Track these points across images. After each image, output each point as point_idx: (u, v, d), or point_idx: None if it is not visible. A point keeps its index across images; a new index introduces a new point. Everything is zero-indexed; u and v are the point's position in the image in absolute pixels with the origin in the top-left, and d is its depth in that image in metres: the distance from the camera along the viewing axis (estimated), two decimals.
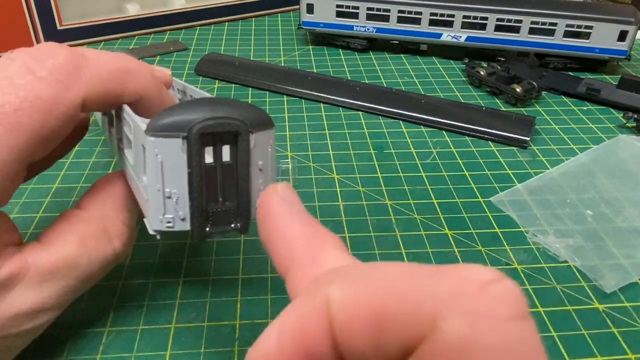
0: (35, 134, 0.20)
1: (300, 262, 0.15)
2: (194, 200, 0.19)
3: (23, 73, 0.20)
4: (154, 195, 0.19)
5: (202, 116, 0.18)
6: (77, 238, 0.22)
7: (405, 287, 0.11)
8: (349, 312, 0.11)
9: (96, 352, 0.25)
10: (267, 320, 0.27)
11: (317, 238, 0.16)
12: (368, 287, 0.12)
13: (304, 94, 0.49)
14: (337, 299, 0.12)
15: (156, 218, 0.19)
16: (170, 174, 0.19)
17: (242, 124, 0.19)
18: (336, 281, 0.12)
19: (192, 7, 0.63)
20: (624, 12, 0.51)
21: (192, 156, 0.18)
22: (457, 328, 0.10)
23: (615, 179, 0.38)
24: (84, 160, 0.39)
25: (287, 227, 0.16)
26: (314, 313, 0.12)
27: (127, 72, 0.23)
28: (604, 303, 0.28)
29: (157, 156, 0.18)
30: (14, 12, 0.54)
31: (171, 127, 0.18)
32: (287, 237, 0.16)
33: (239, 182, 0.19)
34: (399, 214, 0.34)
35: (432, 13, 0.55)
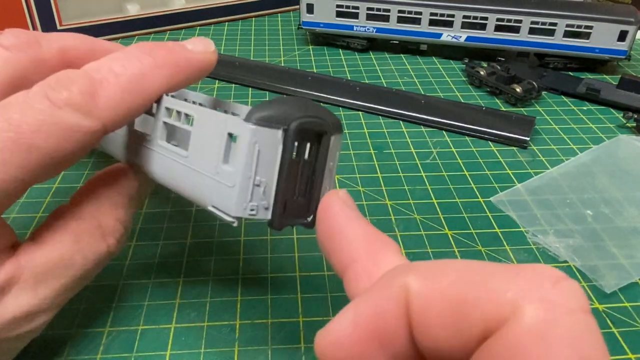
0: (49, 157, 0.19)
1: (361, 260, 0.16)
2: (279, 191, 0.20)
3: (42, 99, 0.20)
4: (244, 182, 0.20)
5: (301, 113, 0.20)
6: (71, 236, 0.22)
7: (485, 277, 0.12)
8: (428, 297, 0.12)
9: (96, 352, 0.25)
10: (267, 321, 0.27)
11: (378, 241, 0.17)
12: (447, 276, 0.13)
13: (304, 94, 0.49)
14: (416, 286, 0.13)
15: (241, 205, 0.20)
16: (263, 163, 0.20)
17: (328, 125, 0.20)
18: (413, 271, 0.13)
19: (192, 7, 0.63)
20: (624, 12, 0.51)
21: (286, 149, 0.20)
22: (537, 313, 0.11)
23: (615, 179, 0.38)
24: (84, 160, 0.39)
25: (350, 228, 0.17)
26: (391, 300, 0.13)
27: (142, 76, 0.21)
28: (604, 303, 0.28)
29: (255, 145, 0.19)
30: (14, 12, 0.54)
31: (273, 119, 0.19)
32: (349, 237, 0.17)
33: (315, 180, 0.21)
34: (399, 214, 0.34)
35: (432, 13, 0.55)
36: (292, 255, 0.31)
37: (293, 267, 0.30)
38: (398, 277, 0.13)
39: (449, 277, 0.12)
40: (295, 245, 0.31)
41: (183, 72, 0.23)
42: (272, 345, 0.26)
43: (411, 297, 0.12)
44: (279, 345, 0.26)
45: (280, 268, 0.30)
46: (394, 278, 0.13)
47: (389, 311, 0.13)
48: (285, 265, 0.30)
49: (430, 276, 0.13)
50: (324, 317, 0.27)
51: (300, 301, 0.28)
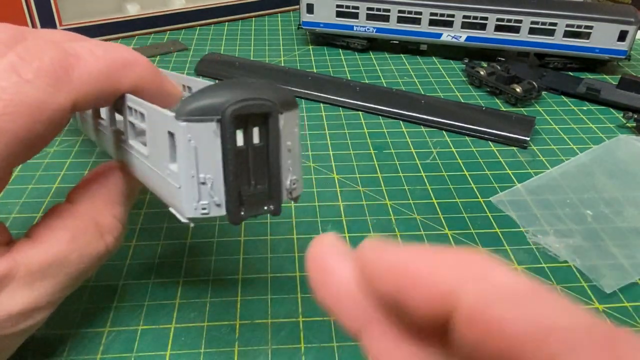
0: (20, 139, 0.19)
1: (375, 320, 0.14)
2: (229, 185, 0.19)
3: (8, 74, 0.19)
4: (188, 182, 0.19)
5: (234, 98, 0.18)
6: (68, 234, 0.22)
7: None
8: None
9: (96, 352, 0.25)
10: (267, 321, 0.27)
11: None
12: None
13: (304, 94, 0.49)
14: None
15: (191, 205, 0.19)
16: (204, 159, 0.18)
17: (273, 104, 0.19)
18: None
19: (192, 7, 0.63)
20: (624, 12, 0.51)
21: (226, 139, 0.18)
22: (472, 289, 0.11)
23: (615, 179, 0.38)
24: (84, 160, 0.39)
25: (352, 285, 0.14)
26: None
27: (122, 65, 0.21)
28: (604, 303, 0.28)
29: (190, 141, 0.18)
30: (14, 12, 0.54)
31: (203, 110, 0.18)
32: (352, 296, 0.14)
33: (270, 164, 0.19)
34: (399, 214, 0.34)
35: (432, 13, 0.55)
36: (292, 255, 0.31)
37: (293, 267, 0.30)
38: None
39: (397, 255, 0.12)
40: (295, 245, 0.31)
41: (153, 77, 0.23)
42: (272, 345, 0.26)
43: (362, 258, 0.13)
44: (279, 345, 0.26)
45: (280, 268, 0.30)
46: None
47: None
48: (285, 265, 0.30)
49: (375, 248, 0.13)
50: (324, 317, 0.27)
51: (300, 301, 0.28)
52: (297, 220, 0.33)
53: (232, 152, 0.18)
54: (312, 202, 0.35)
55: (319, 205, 0.35)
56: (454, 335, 0.11)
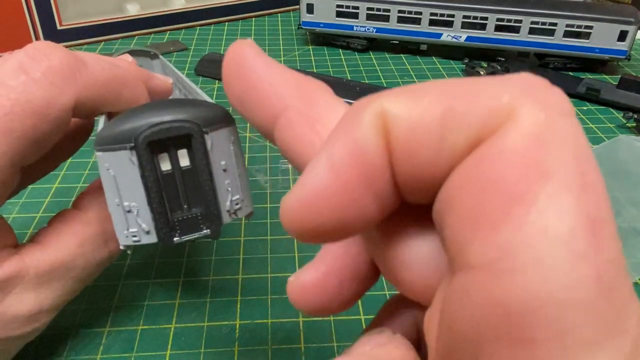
0: (27, 138, 0.19)
1: (294, 106, 0.14)
2: (155, 212, 0.18)
3: (16, 73, 0.19)
4: (114, 210, 0.18)
5: (147, 123, 0.17)
6: (76, 240, 0.22)
7: (473, 86, 0.11)
8: (411, 118, 0.11)
9: (96, 352, 0.25)
10: (267, 321, 0.27)
11: (307, 81, 0.14)
12: (428, 93, 0.11)
13: None
14: (396, 109, 0.11)
15: (122, 233, 0.19)
16: (125, 187, 0.18)
17: (193, 125, 0.18)
18: (389, 95, 0.11)
19: (192, 7, 0.63)
20: (624, 12, 0.51)
21: (144, 166, 0.18)
22: (535, 114, 0.10)
23: (615, 179, 0.38)
24: (84, 160, 0.39)
25: (274, 75, 0.15)
26: (369, 130, 0.11)
27: (123, 82, 0.22)
28: None
29: (108, 170, 0.18)
30: (14, 12, 0.54)
31: (117, 138, 0.17)
32: (275, 84, 0.14)
33: (201, 187, 0.18)
34: None
35: (432, 13, 0.55)
36: (292, 255, 0.31)
37: (293, 267, 0.30)
38: (370, 104, 0.11)
39: (430, 94, 0.11)
40: (295, 245, 0.31)
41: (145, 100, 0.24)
42: (272, 345, 0.26)
43: (391, 122, 0.11)
44: (279, 345, 0.26)
45: (280, 268, 0.30)
46: (365, 107, 0.11)
47: (369, 143, 0.11)
48: (285, 265, 0.30)
49: (409, 96, 0.11)
50: (324, 317, 0.27)
51: None
52: None
53: (153, 178, 0.18)
54: None
55: None
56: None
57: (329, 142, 0.11)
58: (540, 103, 0.10)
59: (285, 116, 0.14)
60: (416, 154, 0.11)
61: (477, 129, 0.10)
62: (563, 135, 0.10)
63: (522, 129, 0.10)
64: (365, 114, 0.11)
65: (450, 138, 0.10)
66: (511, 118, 0.10)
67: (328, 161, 0.11)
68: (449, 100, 0.10)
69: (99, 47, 0.59)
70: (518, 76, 0.11)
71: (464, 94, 0.10)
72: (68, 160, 0.39)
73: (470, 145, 0.10)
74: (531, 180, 0.09)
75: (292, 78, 0.14)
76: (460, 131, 0.10)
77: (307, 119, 0.14)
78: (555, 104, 0.10)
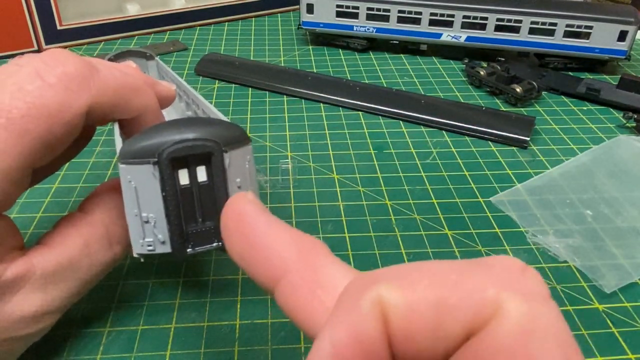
0: (41, 140, 0.20)
1: (295, 268, 0.15)
2: (172, 223, 0.19)
3: (32, 78, 0.20)
4: (132, 220, 0.19)
5: (171, 140, 0.18)
6: (82, 241, 0.22)
7: (459, 276, 0.12)
8: (407, 307, 0.12)
9: (96, 352, 0.25)
10: (267, 321, 0.27)
11: (306, 243, 0.15)
12: (420, 281, 0.12)
13: (304, 94, 0.49)
14: (392, 298, 0.12)
15: (137, 242, 0.19)
16: (145, 199, 0.19)
17: (214, 144, 0.19)
18: (383, 282, 0.12)
19: (192, 7, 0.63)
20: (624, 12, 0.51)
21: (165, 180, 0.18)
22: (519, 308, 0.11)
23: (615, 179, 0.38)
24: (84, 160, 0.39)
25: (274, 234, 0.16)
26: (368, 317, 0.12)
27: (133, 89, 0.23)
28: (604, 303, 0.28)
29: (130, 182, 0.18)
30: (14, 12, 0.54)
31: (141, 153, 0.18)
32: (275, 245, 0.15)
33: (217, 202, 0.19)
34: (399, 214, 0.34)
35: (432, 13, 0.55)
36: None
37: None
38: (367, 290, 0.12)
39: (422, 282, 0.12)
40: None
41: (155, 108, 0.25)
42: (272, 345, 0.26)
43: (389, 310, 0.12)
44: (279, 345, 0.26)
45: None
46: (363, 292, 0.12)
47: (369, 330, 0.12)
48: None
49: (403, 284, 0.12)
50: None
51: None
52: (297, 220, 0.33)
53: (172, 192, 0.19)
54: (312, 202, 0.35)
55: (319, 205, 0.35)
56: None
57: (331, 326, 0.12)
58: (521, 293, 0.11)
59: (287, 279, 0.15)
60: (413, 338, 0.12)
61: (470, 320, 0.11)
62: (545, 324, 0.11)
63: (510, 324, 0.11)
64: (365, 302, 0.12)
65: (446, 327, 0.11)
66: (499, 311, 0.11)
67: (331, 347, 0.12)
68: (440, 289, 0.12)
69: (99, 47, 0.59)
70: (497, 262, 0.12)
71: (453, 283, 0.12)
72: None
73: (466, 334, 0.11)
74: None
75: (292, 238, 0.15)
76: (454, 322, 0.11)
77: (308, 283, 0.14)
78: (533, 290, 0.12)
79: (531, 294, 0.11)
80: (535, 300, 0.11)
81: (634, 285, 0.30)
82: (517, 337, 0.11)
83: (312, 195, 0.36)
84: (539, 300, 0.11)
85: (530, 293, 0.11)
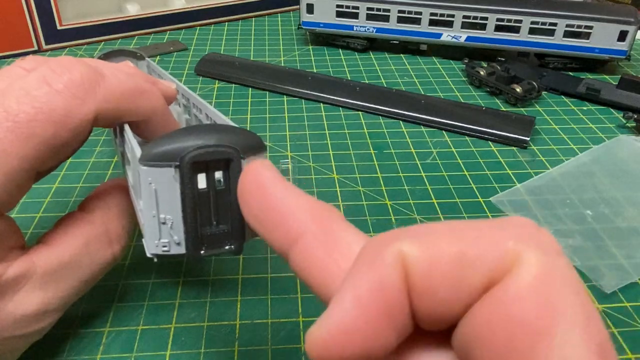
0: (47, 145, 0.20)
1: (311, 231, 0.15)
2: (188, 225, 0.19)
3: (40, 84, 0.20)
4: (149, 221, 0.19)
5: (193, 145, 0.19)
6: (82, 240, 0.23)
7: (479, 231, 0.12)
8: (428, 261, 0.12)
9: (96, 352, 0.25)
10: (267, 320, 0.27)
11: (323, 208, 0.16)
12: (441, 236, 0.12)
13: (304, 94, 0.49)
14: (414, 252, 0.12)
15: (152, 243, 0.20)
16: (164, 201, 0.19)
17: (234, 150, 0.19)
18: (406, 238, 0.13)
19: (192, 7, 0.63)
20: (624, 12, 0.51)
21: (184, 184, 0.19)
22: (538, 258, 0.12)
23: (615, 179, 0.38)
24: (84, 160, 0.39)
25: (291, 198, 0.16)
26: (390, 269, 0.12)
27: (139, 92, 0.23)
28: (604, 303, 0.28)
29: (150, 184, 0.19)
30: (14, 12, 0.54)
31: (163, 156, 0.19)
32: (292, 208, 0.16)
33: (232, 207, 0.20)
34: (399, 214, 0.34)
35: (432, 13, 0.55)
36: None
37: None
38: (390, 245, 0.12)
39: (443, 238, 0.12)
40: None
41: (163, 109, 0.25)
42: (272, 345, 0.26)
43: (410, 264, 0.12)
44: (279, 345, 0.26)
45: (280, 268, 0.30)
46: (384, 247, 0.12)
47: (391, 282, 0.12)
48: (285, 266, 0.30)
49: (424, 240, 0.12)
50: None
51: (300, 301, 0.28)
52: None
53: (191, 196, 0.19)
54: None
55: None
56: None
57: (353, 279, 0.13)
58: (538, 246, 0.12)
59: (303, 241, 0.15)
60: (434, 292, 0.12)
61: (490, 271, 0.12)
62: (562, 274, 0.12)
63: (531, 272, 0.11)
64: (387, 255, 0.12)
65: (467, 279, 0.12)
66: (519, 262, 0.12)
67: (354, 298, 0.12)
68: (460, 244, 0.12)
69: (99, 47, 0.59)
70: (513, 220, 0.13)
71: (473, 238, 0.12)
72: (68, 160, 0.39)
73: (486, 286, 0.12)
74: (547, 319, 0.11)
75: (309, 203, 0.16)
76: (475, 273, 0.12)
77: (324, 245, 0.15)
78: (549, 245, 0.12)
79: (547, 247, 0.12)
80: (552, 253, 0.12)
81: (634, 285, 0.30)
82: (537, 285, 0.11)
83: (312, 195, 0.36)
84: (555, 253, 0.12)
85: (546, 247, 0.12)
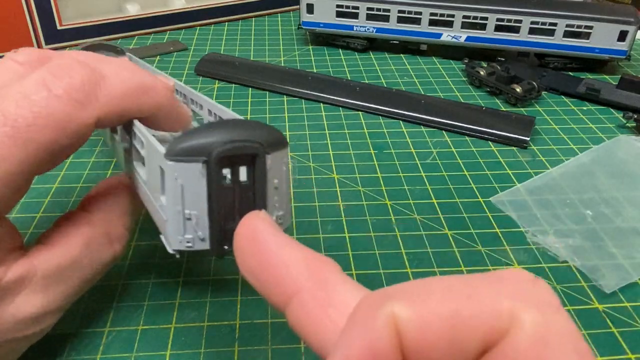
0: (46, 149, 0.20)
1: (306, 288, 0.15)
2: (213, 221, 0.19)
3: (39, 89, 0.20)
4: (174, 216, 0.19)
5: (221, 140, 0.19)
6: (82, 240, 0.23)
7: (472, 291, 0.12)
8: (421, 323, 0.12)
9: (96, 352, 0.25)
10: (267, 321, 0.27)
11: (318, 262, 0.16)
12: (433, 296, 0.12)
13: (304, 94, 0.49)
14: (406, 313, 0.12)
15: (176, 238, 0.20)
16: (190, 196, 0.19)
17: (260, 146, 0.19)
18: (397, 298, 0.12)
19: (192, 7, 0.63)
20: (624, 12, 0.51)
21: (211, 179, 0.19)
22: (535, 318, 0.11)
23: (615, 179, 0.38)
24: (84, 160, 0.39)
25: (286, 254, 0.16)
26: (382, 333, 0.12)
27: (143, 90, 0.22)
28: (604, 303, 0.28)
29: (176, 180, 0.19)
30: (14, 12, 0.54)
31: (191, 151, 0.18)
32: (287, 264, 0.15)
33: (256, 202, 0.20)
34: (399, 214, 0.34)
35: (432, 13, 0.55)
36: None
37: None
38: (381, 306, 0.12)
39: (435, 297, 0.12)
40: None
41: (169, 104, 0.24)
42: (272, 345, 0.26)
43: (402, 326, 0.12)
44: (279, 345, 0.26)
45: None
46: (376, 309, 0.12)
47: (383, 345, 0.12)
48: None
49: (416, 300, 0.12)
50: None
51: None
52: (297, 220, 0.33)
53: (217, 191, 0.19)
54: (312, 202, 0.35)
55: (319, 205, 0.35)
56: None
57: (345, 341, 0.12)
58: (534, 304, 0.12)
59: (298, 298, 0.15)
60: (429, 353, 0.12)
61: (485, 333, 0.11)
62: (561, 332, 0.11)
63: (527, 335, 0.11)
64: (379, 317, 0.12)
65: (461, 341, 0.11)
66: (514, 324, 0.11)
67: (344, 358, 0.12)
68: (453, 303, 0.12)
69: None
70: (507, 274, 0.12)
71: (467, 297, 0.12)
72: (68, 160, 0.39)
73: (482, 349, 0.11)
74: None
75: (304, 257, 0.16)
76: (469, 335, 0.11)
77: (320, 302, 0.14)
78: (546, 301, 0.12)
79: (544, 304, 0.12)
80: (549, 310, 0.12)
81: (634, 285, 0.30)
82: (535, 347, 0.11)
83: (312, 195, 0.36)
84: (552, 310, 0.12)
85: (543, 303, 0.12)
